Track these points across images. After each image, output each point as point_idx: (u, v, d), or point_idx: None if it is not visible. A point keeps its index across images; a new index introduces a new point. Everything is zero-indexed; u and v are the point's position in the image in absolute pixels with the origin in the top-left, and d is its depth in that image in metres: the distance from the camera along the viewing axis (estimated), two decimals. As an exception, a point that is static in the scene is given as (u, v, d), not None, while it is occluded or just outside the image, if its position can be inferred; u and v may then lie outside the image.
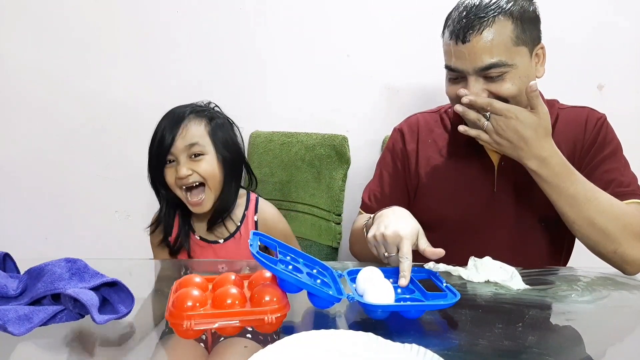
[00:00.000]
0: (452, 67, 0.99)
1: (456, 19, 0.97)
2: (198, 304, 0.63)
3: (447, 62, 1.01)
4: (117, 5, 1.52)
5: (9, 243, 1.31)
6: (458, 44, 0.96)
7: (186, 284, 0.70)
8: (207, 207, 1.09)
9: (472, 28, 0.94)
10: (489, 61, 0.95)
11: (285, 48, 1.53)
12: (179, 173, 1.04)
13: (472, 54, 0.95)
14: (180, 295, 0.64)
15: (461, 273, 0.91)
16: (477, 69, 0.96)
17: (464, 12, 0.96)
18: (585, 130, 1.08)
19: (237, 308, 0.63)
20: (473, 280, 0.88)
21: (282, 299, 0.65)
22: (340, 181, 1.46)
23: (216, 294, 0.65)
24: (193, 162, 1.06)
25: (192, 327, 0.61)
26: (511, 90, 0.97)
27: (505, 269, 0.89)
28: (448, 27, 1.00)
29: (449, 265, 0.94)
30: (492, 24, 0.94)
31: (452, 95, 1.04)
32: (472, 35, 0.94)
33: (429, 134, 1.18)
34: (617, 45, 1.48)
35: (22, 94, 1.57)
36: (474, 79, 0.97)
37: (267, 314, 0.62)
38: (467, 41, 0.95)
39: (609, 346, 0.69)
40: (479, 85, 0.97)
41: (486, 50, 0.94)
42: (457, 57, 0.97)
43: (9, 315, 0.64)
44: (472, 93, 0.97)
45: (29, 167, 1.60)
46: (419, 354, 0.56)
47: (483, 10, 0.95)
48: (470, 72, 0.97)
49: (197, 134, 1.07)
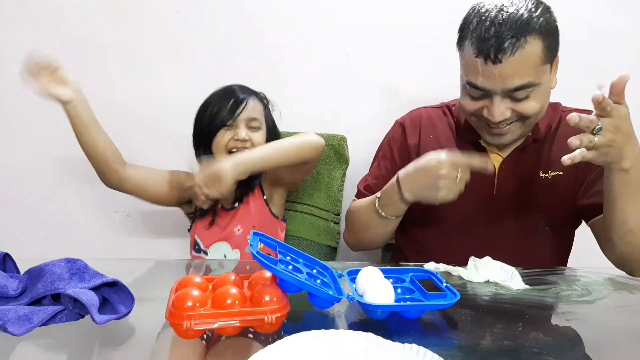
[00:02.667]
0: (479, 86, 0.94)
1: (483, 35, 0.91)
2: (198, 304, 0.63)
3: (471, 79, 0.95)
4: (117, 5, 1.52)
5: (9, 243, 1.31)
6: (488, 63, 0.91)
7: (186, 284, 0.70)
8: None
9: (504, 49, 0.89)
10: (519, 83, 0.91)
11: (285, 48, 1.53)
12: (238, 135, 1.16)
13: (503, 75, 0.91)
14: (180, 295, 0.64)
15: (461, 273, 0.91)
16: (506, 90, 0.92)
17: (491, 28, 0.90)
18: None
19: (237, 308, 0.63)
20: (473, 280, 0.88)
21: (282, 299, 0.65)
22: (339, 181, 1.46)
23: (216, 294, 0.65)
24: (251, 132, 1.18)
25: (192, 327, 0.61)
26: (535, 108, 0.96)
27: (505, 269, 0.89)
28: (471, 41, 0.93)
29: (448, 266, 0.94)
30: (524, 45, 0.89)
31: (469, 109, 1.01)
32: (505, 57, 0.89)
33: (432, 130, 1.18)
34: (617, 45, 1.48)
35: (22, 94, 1.57)
36: (500, 99, 0.94)
37: (267, 314, 0.62)
38: (499, 62, 0.90)
39: (609, 346, 0.69)
40: (504, 104, 0.95)
41: (517, 73, 0.90)
42: (485, 77, 0.93)
43: (9, 315, 0.64)
44: (496, 113, 0.94)
45: (29, 167, 1.60)
46: (419, 354, 0.56)
47: (514, 30, 0.89)
48: (497, 92, 0.93)
49: (258, 110, 1.21)
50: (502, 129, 1.00)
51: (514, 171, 1.08)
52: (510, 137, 1.02)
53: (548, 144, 1.10)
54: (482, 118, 1.00)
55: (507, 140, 1.03)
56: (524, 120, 0.99)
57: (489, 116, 0.97)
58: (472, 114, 1.02)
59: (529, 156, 1.09)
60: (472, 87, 0.97)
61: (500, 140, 1.03)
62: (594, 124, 0.80)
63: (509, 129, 1.00)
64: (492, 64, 0.91)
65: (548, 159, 1.09)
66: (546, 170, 1.08)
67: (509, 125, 1.00)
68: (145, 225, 1.46)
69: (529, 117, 0.98)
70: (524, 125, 1.01)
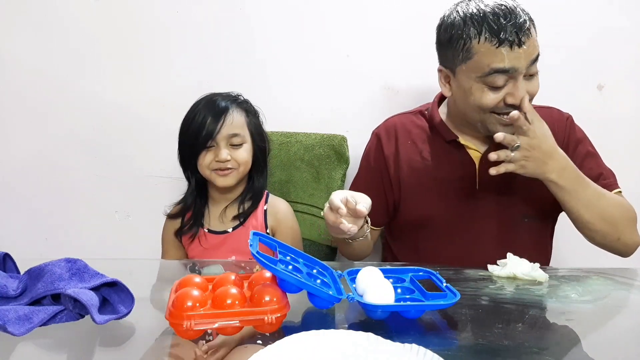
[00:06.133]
0: (507, 68, 0.97)
1: (499, 26, 0.96)
2: (198, 304, 0.63)
3: (496, 65, 0.98)
4: (117, 6, 1.52)
5: (9, 243, 1.31)
6: (514, 48, 0.96)
7: (186, 284, 0.70)
8: (232, 183, 1.17)
9: (524, 32, 0.97)
10: (535, 54, 0.99)
11: (285, 48, 1.53)
12: (219, 156, 1.13)
13: (527, 54, 0.98)
14: (180, 295, 0.64)
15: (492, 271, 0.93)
16: (529, 64, 0.98)
17: (506, 17, 0.97)
18: (565, 129, 1.13)
19: (237, 308, 0.63)
20: (501, 275, 0.91)
21: (282, 299, 0.65)
22: (339, 181, 1.46)
23: (216, 294, 0.65)
24: (232, 150, 1.15)
25: (192, 327, 0.61)
26: (538, 86, 1.03)
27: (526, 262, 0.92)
28: (484, 37, 0.97)
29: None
30: (530, 24, 0.99)
31: (490, 104, 1.01)
32: (526, 37, 0.97)
33: (408, 135, 1.19)
34: (617, 46, 1.48)
35: (22, 95, 1.57)
36: (522, 80, 0.99)
37: (267, 314, 0.62)
38: (523, 43, 0.97)
39: (609, 346, 0.69)
40: (524, 85, 1.00)
41: (533, 47, 0.99)
42: (511, 59, 0.97)
43: (9, 315, 0.64)
44: (521, 92, 0.99)
45: (29, 167, 1.60)
46: (419, 354, 0.56)
47: (520, 14, 0.98)
48: (523, 71, 0.99)
49: (238, 124, 1.16)
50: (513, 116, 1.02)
51: (494, 165, 1.10)
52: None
53: None
54: (502, 109, 1.01)
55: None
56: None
57: (513, 101, 0.99)
58: (491, 109, 1.02)
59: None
60: (498, 74, 0.98)
61: (510, 129, 1.03)
62: (514, 142, 0.95)
63: None
64: (518, 47, 0.97)
65: None
66: None
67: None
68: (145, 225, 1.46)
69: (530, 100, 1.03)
70: None
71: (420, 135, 1.18)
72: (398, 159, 1.17)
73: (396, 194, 1.18)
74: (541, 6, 1.41)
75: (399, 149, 1.18)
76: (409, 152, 1.17)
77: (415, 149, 1.17)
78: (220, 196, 1.22)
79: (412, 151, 1.17)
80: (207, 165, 1.15)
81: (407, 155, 1.17)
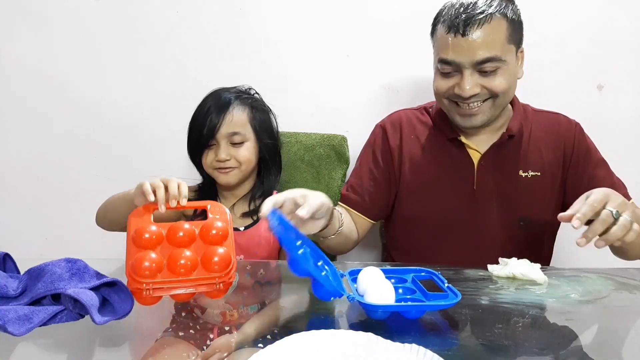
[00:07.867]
0: (449, 60, 1.01)
1: (453, 14, 1.00)
2: (155, 264, 0.70)
3: (442, 55, 1.02)
4: (117, 6, 1.52)
5: (9, 243, 1.31)
6: (457, 36, 0.98)
7: (141, 233, 0.75)
8: (233, 181, 1.16)
9: (472, 23, 0.97)
10: (486, 55, 0.98)
11: (285, 48, 1.53)
12: (218, 156, 1.13)
13: (471, 48, 0.98)
14: (138, 259, 0.70)
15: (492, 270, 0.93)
16: (474, 62, 0.99)
17: (461, 8, 0.99)
18: (574, 137, 1.12)
19: (193, 275, 0.70)
20: (501, 275, 0.90)
21: (230, 262, 0.72)
22: (340, 181, 1.46)
23: (170, 256, 0.72)
24: (233, 148, 1.14)
25: (151, 294, 0.68)
26: (503, 85, 1.01)
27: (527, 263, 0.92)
28: (442, 22, 1.02)
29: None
30: (490, 21, 0.98)
31: (441, 89, 1.05)
32: (472, 29, 0.97)
33: (412, 130, 1.19)
34: (617, 46, 1.48)
35: (22, 95, 1.57)
36: (470, 73, 1.00)
37: (216, 279, 0.70)
38: (467, 34, 0.97)
39: (609, 346, 0.69)
40: (474, 79, 1.00)
41: (484, 45, 0.98)
42: (454, 50, 1.00)
43: (9, 315, 0.64)
44: (467, 86, 0.99)
45: (29, 167, 1.60)
46: (419, 354, 0.56)
47: (481, 8, 0.98)
48: (466, 66, 0.99)
49: (239, 122, 1.15)
50: (472, 109, 1.03)
51: (493, 167, 1.10)
52: (482, 118, 1.05)
53: (524, 144, 1.12)
54: (454, 97, 1.04)
55: (479, 122, 1.05)
56: (494, 99, 1.03)
57: (460, 92, 1.01)
58: (443, 95, 1.05)
59: (506, 153, 1.11)
60: (443, 64, 1.02)
61: (471, 121, 1.05)
62: (609, 216, 0.79)
63: (480, 109, 1.03)
64: (461, 36, 0.98)
65: (526, 159, 1.11)
66: (526, 170, 1.11)
67: (479, 105, 1.03)
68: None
69: (498, 96, 1.02)
70: (494, 106, 1.04)
71: (424, 132, 1.18)
72: (402, 152, 1.17)
73: (397, 187, 1.17)
74: (541, 6, 1.41)
75: (403, 142, 1.18)
76: (412, 146, 1.17)
77: (418, 145, 1.17)
78: (227, 193, 1.23)
79: (415, 146, 1.17)
80: (209, 164, 1.16)
81: (410, 149, 1.17)
